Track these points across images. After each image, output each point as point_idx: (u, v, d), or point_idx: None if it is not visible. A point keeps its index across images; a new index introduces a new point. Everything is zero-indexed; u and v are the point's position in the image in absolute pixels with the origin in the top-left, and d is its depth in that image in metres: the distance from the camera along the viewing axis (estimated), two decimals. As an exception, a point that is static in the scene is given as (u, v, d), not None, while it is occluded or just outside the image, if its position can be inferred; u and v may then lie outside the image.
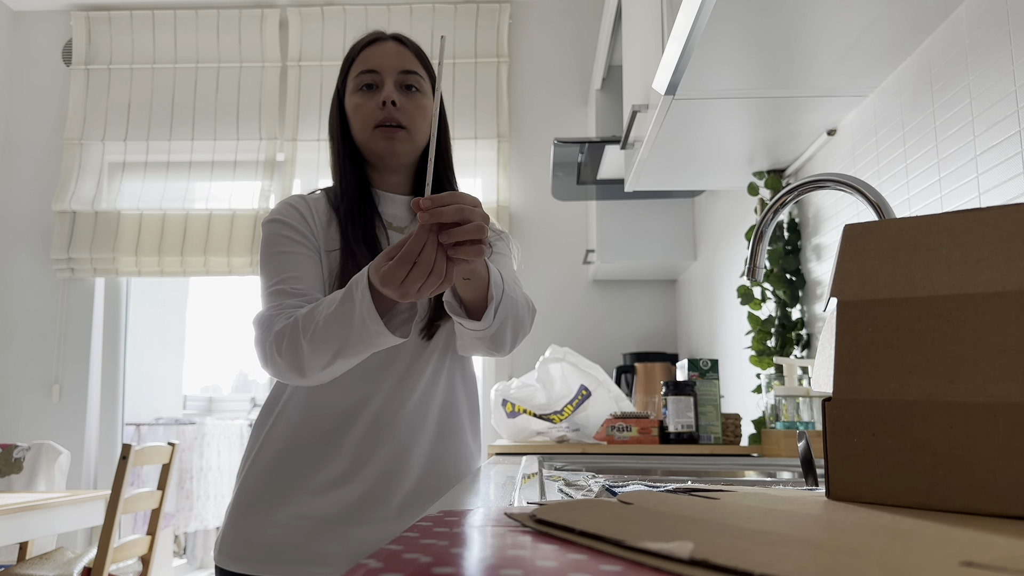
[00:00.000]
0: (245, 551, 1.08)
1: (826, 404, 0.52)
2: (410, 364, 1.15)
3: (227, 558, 1.10)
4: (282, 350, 1.01)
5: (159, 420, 4.60)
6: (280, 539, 1.08)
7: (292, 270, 1.11)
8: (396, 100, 1.14)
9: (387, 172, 1.21)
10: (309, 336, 0.98)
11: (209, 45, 3.49)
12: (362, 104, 1.16)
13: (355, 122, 1.17)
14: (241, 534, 1.10)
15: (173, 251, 3.33)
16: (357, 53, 1.19)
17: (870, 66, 1.32)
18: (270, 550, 1.08)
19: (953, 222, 0.49)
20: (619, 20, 2.48)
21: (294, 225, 1.15)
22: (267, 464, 1.12)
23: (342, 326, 0.95)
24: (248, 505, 1.11)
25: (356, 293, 0.93)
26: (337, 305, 0.96)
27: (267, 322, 1.05)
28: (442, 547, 0.39)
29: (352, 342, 0.96)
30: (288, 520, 1.09)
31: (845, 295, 0.52)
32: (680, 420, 1.76)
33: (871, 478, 0.49)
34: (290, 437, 1.12)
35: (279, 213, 1.17)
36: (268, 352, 1.03)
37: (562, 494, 0.76)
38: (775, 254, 1.82)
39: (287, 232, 1.14)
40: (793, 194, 1.07)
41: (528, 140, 3.40)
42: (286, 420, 1.13)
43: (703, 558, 0.30)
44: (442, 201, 0.81)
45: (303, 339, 0.99)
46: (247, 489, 1.12)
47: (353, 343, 0.96)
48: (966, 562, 0.29)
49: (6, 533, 2.15)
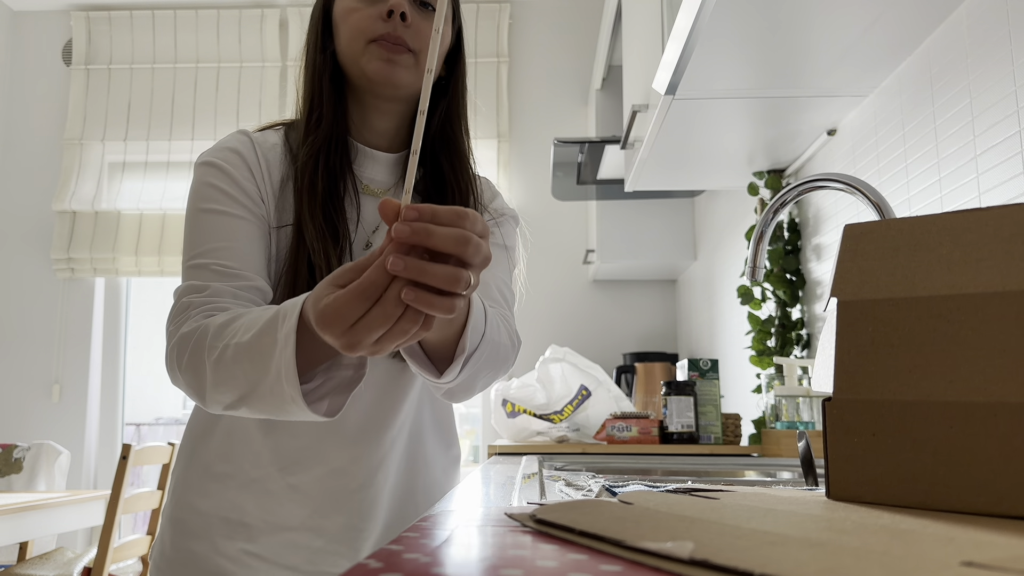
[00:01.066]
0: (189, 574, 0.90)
1: (826, 404, 0.52)
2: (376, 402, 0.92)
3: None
4: (183, 363, 0.75)
5: (159, 420, 4.60)
6: (231, 573, 0.89)
7: (223, 239, 0.82)
8: (407, 13, 0.85)
9: (374, 114, 0.92)
10: (214, 360, 0.71)
11: (209, 45, 3.49)
12: (358, 9, 0.87)
13: (344, 31, 0.88)
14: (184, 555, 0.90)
15: (173, 251, 3.33)
16: None
17: (870, 66, 1.32)
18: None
19: (953, 222, 0.49)
20: (619, 20, 2.48)
21: (234, 176, 0.86)
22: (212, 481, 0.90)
23: (254, 367, 0.68)
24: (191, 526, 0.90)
25: (280, 330, 0.65)
26: (254, 335, 0.68)
27: (177, 313, 0.79)
28: (442, 547, 0.39)
29: (261, 394, 0.69)
30: (239, 555, 0.89)
31: (845, 295, 0.52)
32: (680, 420, 1.76)
33: (871, 478, 0.49)
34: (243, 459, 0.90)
35: (217, 155, 0.88)
36: (169, 357, 0.78)
37: (562, 494, 0.76)
38: (775, 254, 1.82)
39: (224, 184, 0.85)
40: (793, 194, 1.07)
41: (528, 140, 3.40)
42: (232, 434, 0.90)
43: (703, 558, 0.30)
44: (438, 217, 0.52)
45: (207, 360, 0.72)
46: (190, 504, 0.91)
47: (262, 396, 0.69)
48: (966, 562, 0.29)
49: (6, 533, 2.15)
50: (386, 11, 0.84)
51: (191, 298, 0.79)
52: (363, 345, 0.55)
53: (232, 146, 0.88)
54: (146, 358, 5.04)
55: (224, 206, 0.84)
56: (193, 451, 0.93)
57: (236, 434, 0.90)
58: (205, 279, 0.80)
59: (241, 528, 0.90)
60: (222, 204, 0.84)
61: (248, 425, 0.90)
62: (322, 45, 0.90)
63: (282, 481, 0.90)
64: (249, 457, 0.90)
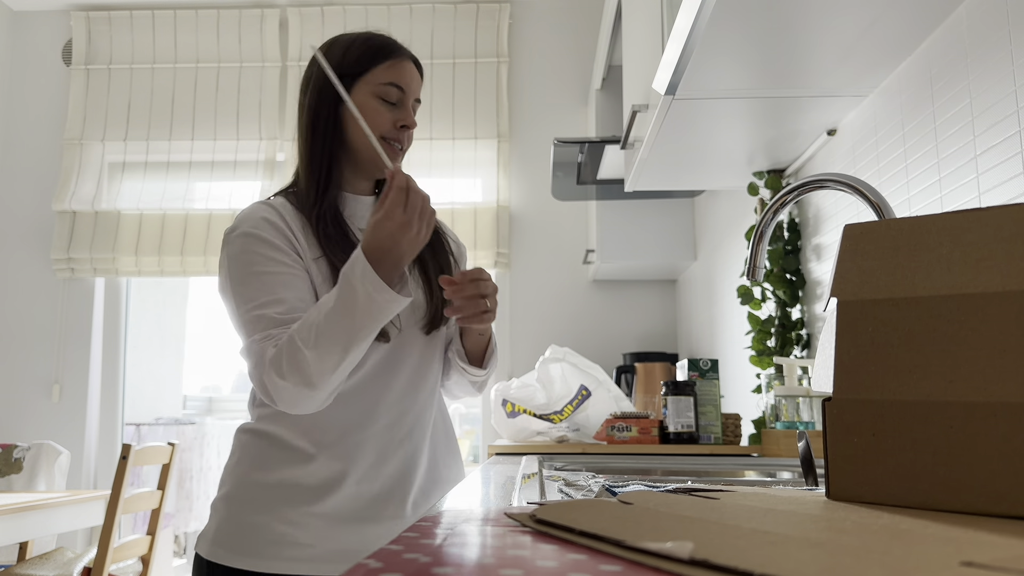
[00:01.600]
0: (250, 547, 1.06)
1: (826, 404, 0.52)
2: (417, 366, 1.17)
3: (227, 552, 1.06)
4: (284, 371, 0.98)
5: (159, 420, 4.60)
6: (292, 536, 1.06)
7: (275, 292, 1.05)
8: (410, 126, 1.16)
9: (363, 178, 1.20)
10: (312, 342, 0.97)
11: (209, 45, 3.49)
12: (378, 111, 1.12)
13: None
14: (246, 529, 1.07)
15: (173, 251, 3.33)
16: (380, 59, 1.13)
17: (870, 66, 1.32)
18: (281, 546, 1.06)
19: (953, 222, 0.49)
20: (619, 20, 2.48)
21: (273, 242, 1.08)
22: (276, 460, 1.09)
23: (347, 314, 0.96)
24: (253, 501, 1.08)
25: (354, 275, 0.96)
26: (336, 298, 0.97)
27: (258, 353, 1.01)
28: (442, 547, 0.39)
29: (360, 325, 0.97)
30: (301, 518, 1.06)
31: (845, 295, 0.52)
32: (680, 420, 1.76)
33: (871, 478, 0.49)
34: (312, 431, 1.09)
35: (253, 227, 1.08)
36: (268, 380, 1.00)
37: (562, 494, 0.76)
38: (775, 254, 1.82)
39: (265, 251, 1.07)
40: (793, 194, 1.07)
41: (528, 140, 3.40)
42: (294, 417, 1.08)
43: (703, 558, 0.30)
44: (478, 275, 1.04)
45: (305, 350, 0.97)
46: (252, 483, 1.09)
47: (361, 326, 0.97)
48: (966, 562, 0.29)
49: (6, 533, 2.15)
50: (401, 123, 1.14)
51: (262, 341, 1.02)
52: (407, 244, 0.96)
53: (263, 216, 1.10)
54: (146, 358, 5.04)
55: (268, 267, 1.06)
56: (260, 432, 1.11)
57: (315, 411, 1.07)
58: (267, 325, 1.03)
59: (307, 492, 1.07)
60: (265, 265, 1.06)
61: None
62: (333, 128, 1.14)
63: (348, 441, 1.10)
64: (319, 427, 1.09)
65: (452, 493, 0.73)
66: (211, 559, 1.07)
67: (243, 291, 1.05)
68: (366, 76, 1.13)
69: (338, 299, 0.97)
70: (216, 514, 1.10)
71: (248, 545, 1.06)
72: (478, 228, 3.27)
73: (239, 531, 1.07)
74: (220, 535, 1.08)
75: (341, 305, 0.96)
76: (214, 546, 1.08)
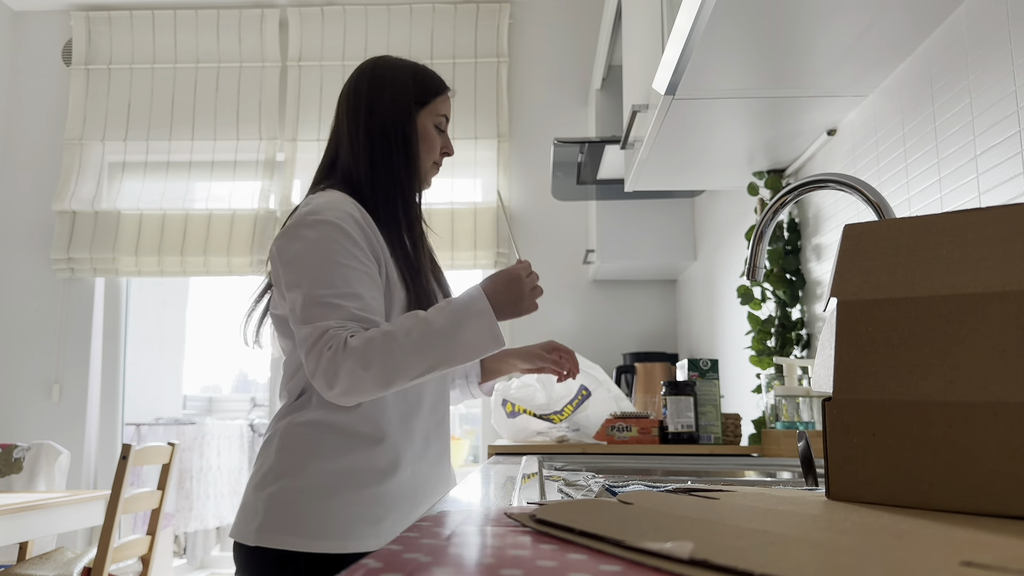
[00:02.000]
0: (325, 530, 1.11)
1: (826, 404, 0.52)
2: None
3: (296, 538, 1.11)
4: (369, 363, 1.05)
5: (159, 420, 4.60)
6: (365, 516, 1.13)
7: (353, 287, 1.11)
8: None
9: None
10: (409, 349, 1.06)
11: (209, 45, 3.49)
12: (436, 139, 1.30)
13: (424, 147, 1.28)
14: (318, 514, 1.12)
15: (173, 251, 3.33)
16: (438, 91, 1.30)
17: (870, 66, 1.32)
18: (355, 526, 1.12)
19: (953, 222, 0.49)
20: (619, 20, 2.48)
21: (356, 239, 1.15)
22: (343, 446, 1.16)
23: (450, 340, 1.08)
24: (323, 487, 1.13)
25: (472, 310, 1.09)
26: (446, 322, 1.08)
27: (336, 339, 1.06)
28: (442, 547, 0.39)
29: (455, 354, 1.08)
30: (370, 498, 1.14)
31: (845, 295, 0.52)
32: (680, 420, 1.76)
33: (871, 478, 0.49)
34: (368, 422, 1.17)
35: (339, 218, 1.15)
36: (345, 366, 1.05)
37: (562, 494, 0.76)
38: (775, 254, 1.82)
39: (348, 245, 1.13)
40: (793, 194, 1.07)
41: (528, 140, 3.40)
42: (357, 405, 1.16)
43: (703, 558, 0.30)
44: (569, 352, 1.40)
45: (399, 353, 1.05)
46: (320, 471, 1.14)
47: (456, 355, 1.09)
48: (966, 562, 0.29)
49: (6, 533, 2.15)
50: (444, 151, 1.32)
51: (340, 328, 1.08)
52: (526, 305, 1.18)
53: (349, 211, 1.17)
54: (146, 358, 5.04)
55: (353, 263, 1.13)
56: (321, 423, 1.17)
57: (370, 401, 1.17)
58: (342, 317, 1.09)
59: (375, 475, 1.16)
60: (351, 261, 1.13)
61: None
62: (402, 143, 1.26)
63: (405, 425, 1.20)
64: (383, 414, 1.18)
65: (452, 493, 0.73)
66: (278, 547, 1.11)
67: (320, 276, 1.11)
68: (429, 106, 1.28)
69: (448, 323, 1.08)
70: (275, 503, 1.13)
71: (322, 529, 1.11)
72: (478, 228, 3.27)
73: (310, 516, 1.12)
74: (286, 523, 1.12)
75: (451, 329, 1.07)
76: (281, 534, 1.11)
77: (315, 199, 1.19)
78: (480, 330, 1.09)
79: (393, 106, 1.26)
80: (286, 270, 1.14)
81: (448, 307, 1.10)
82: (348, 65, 3.42)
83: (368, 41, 3.44)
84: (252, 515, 1.14)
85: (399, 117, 1.26)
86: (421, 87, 1.28)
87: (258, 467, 1.19)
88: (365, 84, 1.28)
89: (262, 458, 1.19)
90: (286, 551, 1.11)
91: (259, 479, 1.17)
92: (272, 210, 3.35)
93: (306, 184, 3.72)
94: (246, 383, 5.89)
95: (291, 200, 3.33)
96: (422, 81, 1.29)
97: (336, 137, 1.31)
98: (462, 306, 1.10)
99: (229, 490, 4.29)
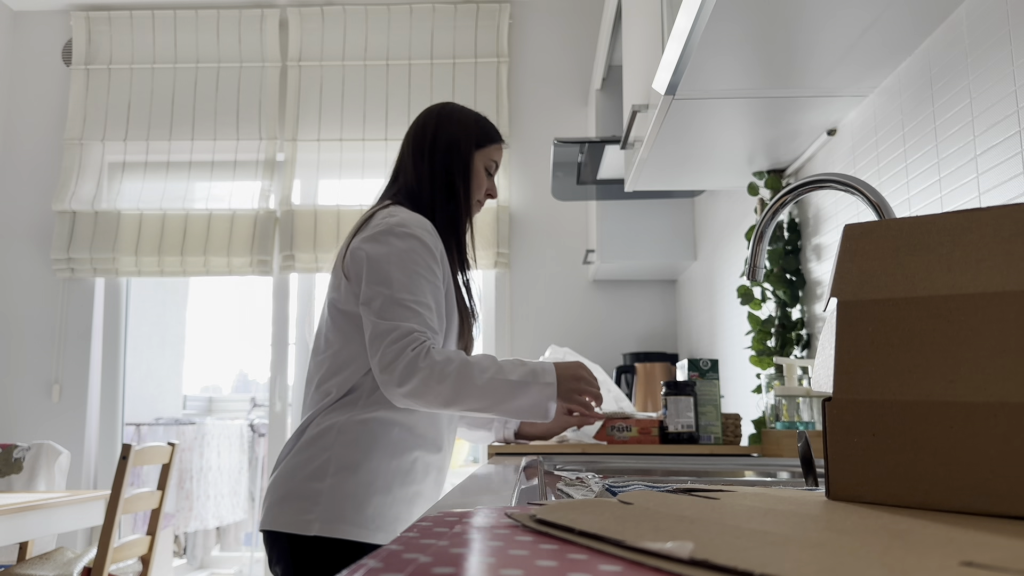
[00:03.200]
0: (382, 523, 1.25)
1: (826, 404, 0.52)
2: None
3: (357, 528, 1.23)
4: (444, 379, 1.19)
5: (159, 420, 4.60)
6: (405, 513, 1.29)
7: (428, 299, 1.27)
8: None
9: None
10: (481, 383, 1.21)
11: (209, 45, 3.49)
12: (484, 180, 1.47)
13: (475, 186, 1.45)
14: (378, 507, 1.24)
15: (173, 251, 3.32)
16: (495, 139, 1.48)
17: (870, 66, 1.32)
18: (397, 524, 1.27)
19: (953, 222, 0.49)
20: (619, 20, 2.47)
21: (436, 256, 1.31)
22: (409, 444, 1.31)
23: (513, 395, 1.24)
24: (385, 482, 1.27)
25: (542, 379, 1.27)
26: (518, 379, 1.25)
27: (420, 342, 1.21)
28: (442, 547, 0.39)
29: (510, 408, 1.25)
30: (413, 495, 1.31)
31: (845, 295, 0.52)
32: (680, 420, 1.76)
33: (871, 478, 0.49)
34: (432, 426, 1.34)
35: (424, 236, 1.30)
36: (421, 374, 1.18)
37: (562, 494, 0.76)
38: (775, 254, 1.82)
39: (429, 261, 1.29)
40: (793, 194, 1.07)
41: (528, 140, 3.40)
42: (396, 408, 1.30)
43: (703, 558, 0.30)
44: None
45: (470, 383, 1.20)
46: (381, 466, 1.27)
47: (510, 409, 1.25)
48: (966, 562, 0.29)
49: (6, 533, 2.15)
50: (489, 193, 1.49)
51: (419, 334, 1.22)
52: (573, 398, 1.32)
53: (430, 231, 1.33)
54: (146, 358, 5.04)
55: (430, 277, 1.28)
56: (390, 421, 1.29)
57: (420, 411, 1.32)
58: (423, 325, 1.23)
59: (431, 470, 1.34)
60: (429, 275, 1.28)
61: None
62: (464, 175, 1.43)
63: (449, 434, 1.38)
64: (443, 418, 1.37)
65: (452, 493, 0.73)
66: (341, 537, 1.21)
67: (404, 282, 1.25)
68: (484, 149, 1.46)
69: (519, 380, 1.25)
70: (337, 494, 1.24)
71: (379, 521, 1.25)
72: (478, 228, 3.27)
73: (371, 509, 1.24)
74: (347, 514, 1.23)
75: (518, 386, 1.24)
76: (343, 524, 1.22)
77: (400, 212, 1.33)
78: (539, 399, 1.25)
79: (456, 141, 1.44)
80: (371, 270, 1.26)
81: (524, 367, 1.27)
82: (348, 65, 3.42)
83: (368, 41, 3.44)
84: (309, 506, 1.21)
85: (460, 150, 1.43)
86: (482, 131, 1.46)
87: (306, 459, 1.26)
88: (434, 120, 1.46)
89: (312, 450, 1.26)
90: (347, 541, 1.20)
91: (312, 471, 1.24)
92: (272, 210, 3.35)
93: (306, 184, 3.71)
94: (246, 383, 5.89)
95: (291, 200, 3.34)
96: (483, 127, 1.47)
97: (401, 162, 1.47)
98: (534, 371, 1.27)
99: (229, 490, 4.29)
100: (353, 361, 1.29)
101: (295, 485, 1.24)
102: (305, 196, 3.42)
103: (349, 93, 3.41)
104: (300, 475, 1.24)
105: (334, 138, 3.38)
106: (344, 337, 1.30)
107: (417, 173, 1.42)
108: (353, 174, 3.39)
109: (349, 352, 1.30)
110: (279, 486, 1.26)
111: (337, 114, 3.40)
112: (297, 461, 1.26)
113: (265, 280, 3.42)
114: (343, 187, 3.43)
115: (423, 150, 1.43)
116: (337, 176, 3.41)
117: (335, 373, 1.30)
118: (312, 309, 3.45)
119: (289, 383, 3.40)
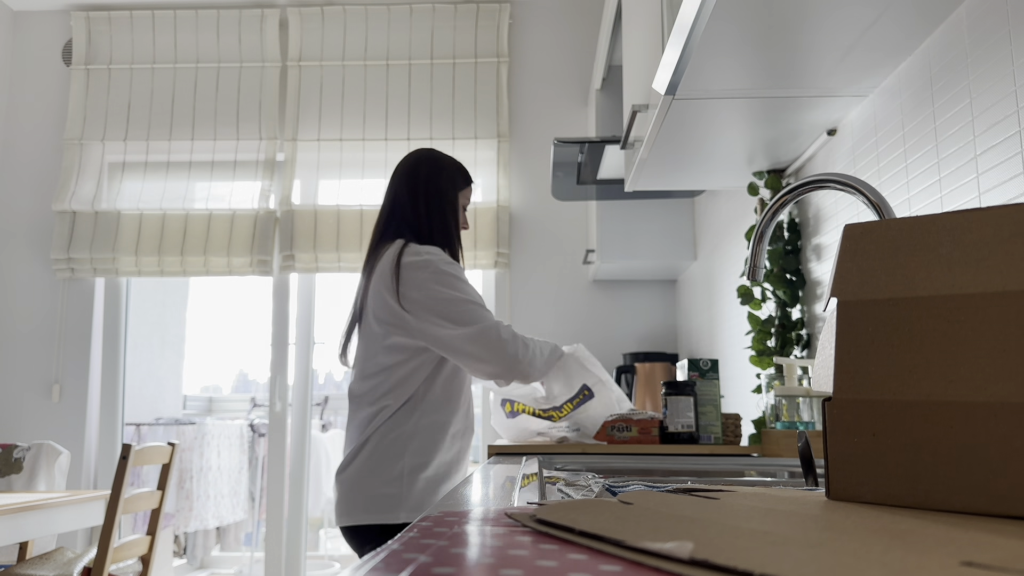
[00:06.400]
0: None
1: (826, 404, 0.52)
2: None
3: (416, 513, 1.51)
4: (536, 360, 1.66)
5: (159, 420, 4.60)
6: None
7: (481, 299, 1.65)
8: None
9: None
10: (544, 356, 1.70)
11: (209, 45, 3.49)
12: (460, 217, 1.77)
13: (453, 222, 1.74)
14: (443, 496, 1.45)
15: (173, 251, 3.32)
16: (469, 182, 1.79)
17: (870, 66, 1.32)
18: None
19: (953, 222, 0.49)
20: (619, 20, 2.47)
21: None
22: (452, 439, 1.62)
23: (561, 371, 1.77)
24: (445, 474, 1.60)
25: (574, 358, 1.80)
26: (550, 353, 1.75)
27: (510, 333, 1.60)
28: (442, 547, 0.39)
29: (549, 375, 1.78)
30: (460, 478, 1.62)
31: (845, 295, 0.52)
32: (680, 420, 1.76)
33: (871, 478, 0.49)
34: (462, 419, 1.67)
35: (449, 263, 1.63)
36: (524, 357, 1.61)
37: (562, 494, 0.76)
38: (775, 254, 1.82)
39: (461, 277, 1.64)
40: (793, 194, 1.07)
41: (528, 140, 3.40)
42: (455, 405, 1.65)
43: (703, 558, 0.30)
44: None
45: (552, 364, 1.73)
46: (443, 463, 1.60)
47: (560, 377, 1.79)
48: (966, 562, 0.29)
49: (6, 533, 2.15)
50: (463, 227, 1.78)
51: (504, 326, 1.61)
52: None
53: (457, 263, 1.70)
54: (146, 358, 5.04)
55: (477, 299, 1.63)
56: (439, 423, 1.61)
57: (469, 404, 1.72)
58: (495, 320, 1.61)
59: (462, 462, 1.67)
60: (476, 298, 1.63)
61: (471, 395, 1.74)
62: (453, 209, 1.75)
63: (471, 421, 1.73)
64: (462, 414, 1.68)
65: (452, 493, 0.73)
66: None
67: (465, 288, 1.60)
68: (464, 191, 1.76)
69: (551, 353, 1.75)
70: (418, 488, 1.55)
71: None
72: (478, 228, 3.27)
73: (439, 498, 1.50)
74: (425, 503, 1.53)
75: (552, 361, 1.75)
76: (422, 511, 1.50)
77: (423, 248, 1.62)
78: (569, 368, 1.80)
79: (447, 181, 1.73)
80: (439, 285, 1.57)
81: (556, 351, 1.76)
82: (348, 65, 3.42)
83: (368, 41, 3.44)
84: (396, 500, 1.52)
85: (450, 189, 1.73)
86: (462, 175, 1.77)
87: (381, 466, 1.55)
88: (424, 163, 1.73)
89: (387, 458, 1.55)
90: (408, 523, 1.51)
91: (392, 471, 1.54)
92: (272, 210, 3.35)
93: (306, 184, 3.70)
94: (246, 383, 5.89)
95: (291, 200, 3.33)
96: (462, 172, 1.77)
97: (396, 201, 1.72)
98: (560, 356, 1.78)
99: (229, 490, 4.29)
100: (410, 376, 1.59)
101: (374, 483, 1.53)
102: (305, 196, 3.42)
103: (349, 93, 3.41)
104: (377, 475, 1.53)
105: (334, 138, 3.38)
106: (401, 358, 1.60)
107: (416, 213, 1.69)
108: (353, 174, 3.39)
109: (406, 369, 1.60)
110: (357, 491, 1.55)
111: (337, 114, 3.40)
112: (370, 467, 1.55)
113: (265, 280, 3.42)
114: (343, 187, 3.43)
115: (417, 193, 1.71)
116: (337, 176, 3.41)
117: (395, 385, 1.59)
118: (312, 309, 3.45)
119: (289, 383, 3.40)
